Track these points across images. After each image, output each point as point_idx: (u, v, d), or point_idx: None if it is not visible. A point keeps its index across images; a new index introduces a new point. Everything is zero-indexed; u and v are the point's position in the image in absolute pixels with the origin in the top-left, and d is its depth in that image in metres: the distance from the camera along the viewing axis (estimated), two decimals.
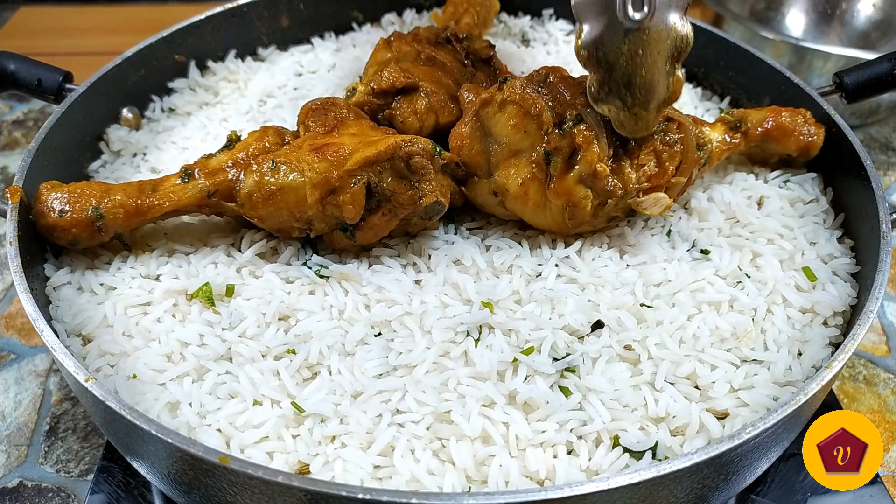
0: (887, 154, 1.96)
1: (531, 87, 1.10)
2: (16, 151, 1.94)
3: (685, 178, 1.16)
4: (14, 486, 1.25)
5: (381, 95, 1.22)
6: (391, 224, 1.12)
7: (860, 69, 1.36)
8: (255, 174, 1.09)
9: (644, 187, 1.12)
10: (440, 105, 1.21)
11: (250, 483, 0.81)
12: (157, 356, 1.03)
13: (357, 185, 1.06)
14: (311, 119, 1.16)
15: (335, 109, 1.17)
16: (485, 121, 1.13)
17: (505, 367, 1.01)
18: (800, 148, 1.30)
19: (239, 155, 1.14)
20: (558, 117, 1.08)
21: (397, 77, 1.21)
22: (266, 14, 1.67)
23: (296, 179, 1.06)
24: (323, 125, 1.14)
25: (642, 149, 1.10)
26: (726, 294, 1.11)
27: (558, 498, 0.78)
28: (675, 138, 1.12)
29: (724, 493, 1.00)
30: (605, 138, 1.08)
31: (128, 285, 1.12)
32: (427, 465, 0.91)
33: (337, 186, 1.06)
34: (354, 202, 1.06)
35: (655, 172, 1.12)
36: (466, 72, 1.32)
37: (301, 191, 1.06)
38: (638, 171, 1.11)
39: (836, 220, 1.27)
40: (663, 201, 1.13)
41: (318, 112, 1.16)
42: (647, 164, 1.11)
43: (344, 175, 1.05)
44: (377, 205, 1.10)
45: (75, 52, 2.24)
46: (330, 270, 1.12)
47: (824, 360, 1.05)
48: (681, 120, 1.14)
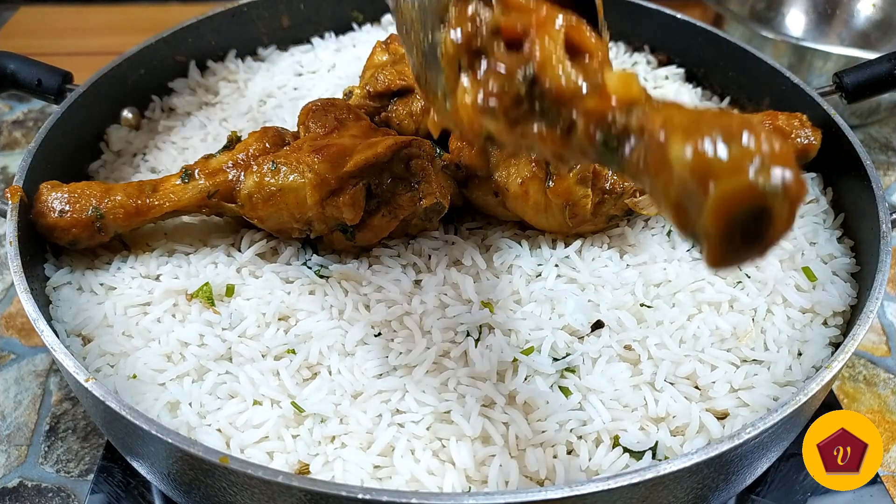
0: (887, 154, 1.96)
1: None
2: (16, 151, 1.94)
3: None
4: (14, 486, 1.25)
5: (377, 98, 1.23)
6: (391, 225, 1.12)
7: (860, 69, 1.36)
8: (255, 175, 1.09)
9: (641, 187, 1.12)
10: None
11: (250, 483, 0.81)
12: (157, 356, 1.03)
13: (357, 186, 1.06)
14: (311, 120, 1.16)
15: (335, 110, 1.17)
16: None
17: (505, 367, 1.01)
18: (798, 151, 1.30)
19: (239, 155, 1.14)
20: None
21: (392, 80, 1.22)
22: (266, 14, 1.67)
23: (296, 181, 1.06)
24: (323, 126, 1.14)
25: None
26: (726, 294, 1.11)
27: (558, 498, 0.78)
28: None
29: (725, 494, 1.00)
30: None
31: (128, 285, 1.12)
32: (427, 466, 0.91)
33: (337, 188, 1.06)
34: (354, 204, 1.06)
35: None
36: None
37: (301, 192, 1.06)
38: None
39: (835, 220, 1.27)
40: None
41: (319, 113, 1.16)
42: None
43: (344, 176, 1.05)
44: (377, 206, 1.10)
45: (75, 52, 2.24)
46: (330, 270, 1.12)
47: (824, 360, 1.05)
48: None
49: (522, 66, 0.73)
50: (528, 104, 0.74)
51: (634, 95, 0.70)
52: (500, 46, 0.76)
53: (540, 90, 0.73)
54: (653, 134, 0.65)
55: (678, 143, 0.60)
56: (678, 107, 0.66)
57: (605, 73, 0.71)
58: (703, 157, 0.57)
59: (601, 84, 0.71)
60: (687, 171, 0.59)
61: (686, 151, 0.59)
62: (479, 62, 0.77)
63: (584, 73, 0.72)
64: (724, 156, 0.56)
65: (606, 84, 0.71)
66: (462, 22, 0.77)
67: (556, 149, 0.76)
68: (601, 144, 0.71)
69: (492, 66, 0.75)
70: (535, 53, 0.73)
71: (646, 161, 0.66)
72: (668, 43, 1.67)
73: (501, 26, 0.75)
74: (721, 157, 0.56)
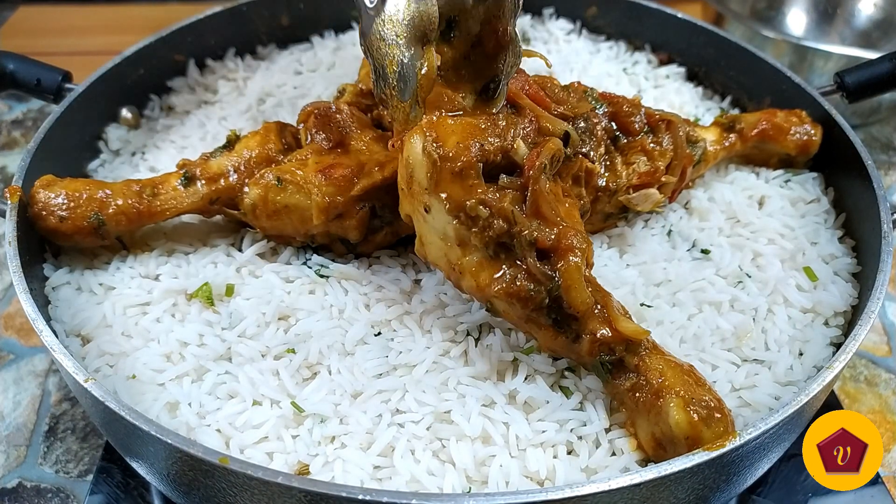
0: (888, 154, 1.96)
1: None
2: (15, 151, 1.94)
3: (676, 177, 1.16)
4: (13, 486, 1.24)
5: (369, 96, 1.23)
6: (392, 239, 1.14)
7: (861, 69, 1.36)
8: (259, 188, 1.09)
9: (634, 183, 1.12)
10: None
11: (250, 484, 0.81)
12: (157, 356, 1.02)
13: (362, 210, 1.07)
14: (315, 128, 1.15)
15: (339, 119, 1.16)
16: None
17: (505, 367, 1.01)
18: (798, 147, 1.30)
19: (241, 160, 1.13)
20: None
21: None
22: (266, 13, 1.66)
23: (302, 201, 1.07)
24: (328, 138, 1.14)
25: (632, 147, 1.11)
26: (727, 294, 1.10)
27: (559, 499, 0.77)
28: (664, 137, 1.13)
29: (726, 494, 1.00)
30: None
31: (127, 285, 1.12)
32: (427, 466, 0.91)
33: (343, 211, 1.07)
34: (359, 227, 1.08)
35: (646, 170, 1.12)
36: None
37: (307, 211, 1.07)
38: (628, 168, 1.11)
39: (837, 219, 1.27)
40: (653, 197, 1.14)
41: (322, 121, 1.15)
42: (636, 162, 1.11)
43: (350, 201, 1.06)
44: (380, 226, 1.11)
45: (74, 51, 2.24)
46: (330, 270, 1.11)
47: (825, 359, 1.05)
48: (670, 118, 1.15)
49: (549, 281, 0.90)
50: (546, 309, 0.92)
51: (641, 335, 0.92)
52: (532, 255, 0.91)
53: (558, 304, 0.92)
54: (651, 384, 0.89)
55: (678, 409, 0.87)
56: (668, 362, 0.92)
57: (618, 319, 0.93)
58: (697, 428, 0.86)
59: (611, 317, 0.92)
60: (682, 434, 0.86)
61: (682, 418, 0.86)
62: (502, 251, 0.93)
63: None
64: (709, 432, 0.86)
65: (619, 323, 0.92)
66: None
67: (555, 347, 0.95)
68: (598, 363, 0.92)
69: (523, 272, 0.91)
70: (565, 273, 0.90)
71: (640, 401, 0.90)
72: (669, 42, 1.67)
73: (537, 239, 0.90)
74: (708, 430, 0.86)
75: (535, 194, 0.92)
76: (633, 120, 1.13)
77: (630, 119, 1.13)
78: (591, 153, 1.08)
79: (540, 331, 0.94)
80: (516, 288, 0.90)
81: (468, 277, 0.95)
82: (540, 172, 0.93)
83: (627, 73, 1.62)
